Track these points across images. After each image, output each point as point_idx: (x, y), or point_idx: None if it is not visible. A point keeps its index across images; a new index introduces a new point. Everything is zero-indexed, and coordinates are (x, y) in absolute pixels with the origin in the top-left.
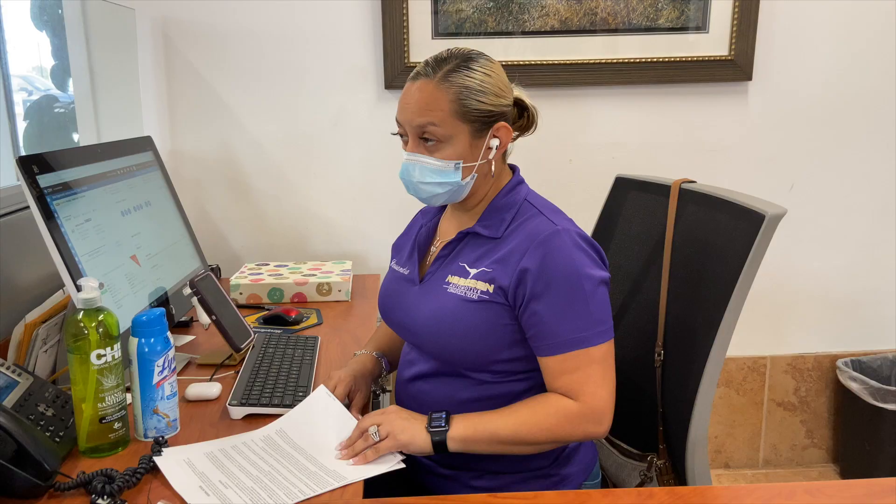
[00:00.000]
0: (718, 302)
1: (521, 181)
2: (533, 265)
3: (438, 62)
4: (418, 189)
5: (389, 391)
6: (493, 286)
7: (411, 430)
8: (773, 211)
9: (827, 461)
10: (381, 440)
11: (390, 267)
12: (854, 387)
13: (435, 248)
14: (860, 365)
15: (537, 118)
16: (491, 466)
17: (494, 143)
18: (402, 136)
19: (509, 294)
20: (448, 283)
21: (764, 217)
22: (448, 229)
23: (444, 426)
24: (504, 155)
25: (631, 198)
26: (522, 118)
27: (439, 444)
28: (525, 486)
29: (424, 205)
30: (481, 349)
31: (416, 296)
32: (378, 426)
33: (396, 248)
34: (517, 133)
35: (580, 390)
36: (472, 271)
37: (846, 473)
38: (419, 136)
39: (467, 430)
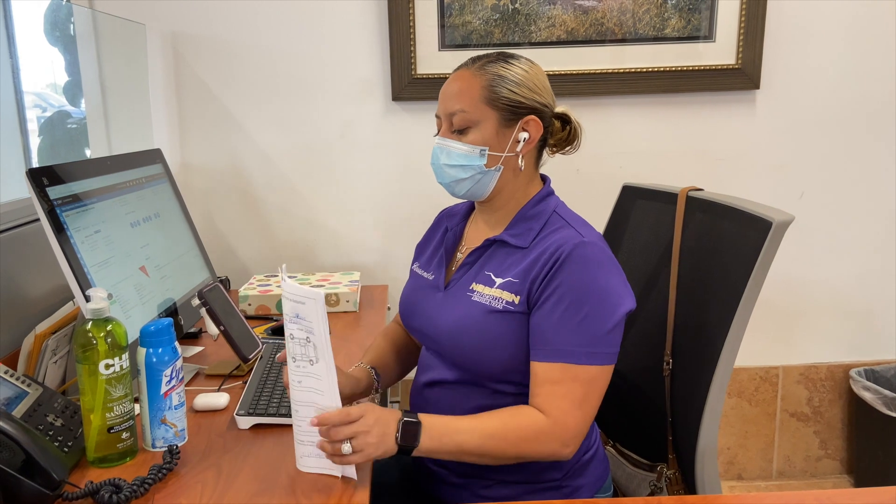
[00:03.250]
0: (726, 310)
1: (552, 192)
2: (552, 272)
3: (480, 57)
4: (444, 173)
5: (397, 401)
6: (518, 297)
7: (383, 447)
8: (780, 218)
9: (841, 472)
10: (351, 454)
11: (412, 270)
12: (867, 396)
13: (461, 255)
14: (873, 374)
15: (580, 135)
16: (503, 477)
17: (523, 136)
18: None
19: (530, 302)
20: (472, 292)
21: (771, 224)
22: (475, 235)
23: (415, 444)
24: (537, 163)
25: (638, 206)
26: (564, 131)
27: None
28: (536, 497)
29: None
30: (503, 360)
31: (440, 302)
32: (350, 441)
33: (419, 250)
34: (556, 148)
35: (554, 405)
36: (498, 281)
37: (861, 484)
38: (451, 122)
39: (433, 443)
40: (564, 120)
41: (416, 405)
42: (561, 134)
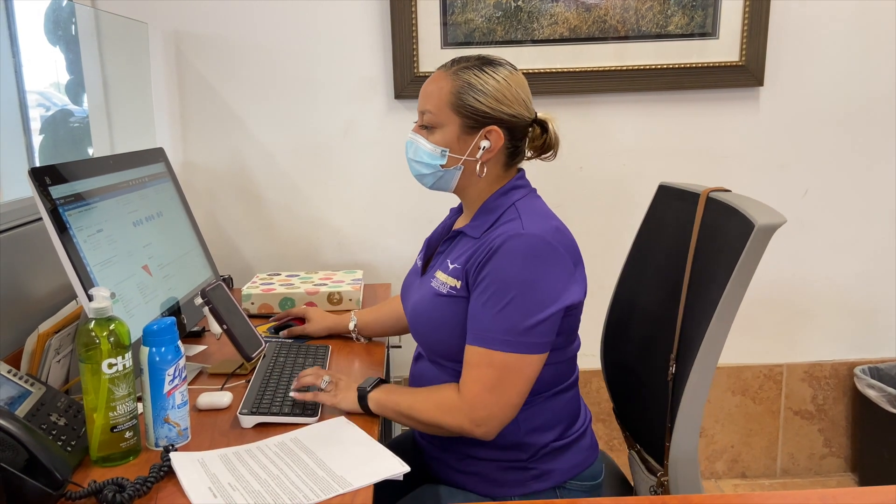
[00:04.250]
0: (706, 313)
1: (519, 186)
2: (483, 261)
3: (460, 59)
4: (411, 166)
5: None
6: (460, 282)
7: (344, 393)
8: (764, 221)
9: (845, 470)
10: (323, 390)
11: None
12: (872, 394)
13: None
14: (878, 372)
15: (556, 145)
16: (469, 451)
17: (484, 144)
18: None
19: (469, 288)
20: (434, 278)
21: (754, 226)
22: (457, 227)
23: (368, 390)
24: (508, 165)
25: (670, 207)
26: (542, 139)
27: (362, 402)
28: (503, 476)
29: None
30: (450, 340)
31: (415, 287)
32: (330, 381)
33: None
34: (533, 154)
35: (467, 386)
36: (451, 267)
37: (865, 482)
38: (422, 118)
39: (379, 397)
40: (545, 127)
41: (412, 376)
42: (539, 141)
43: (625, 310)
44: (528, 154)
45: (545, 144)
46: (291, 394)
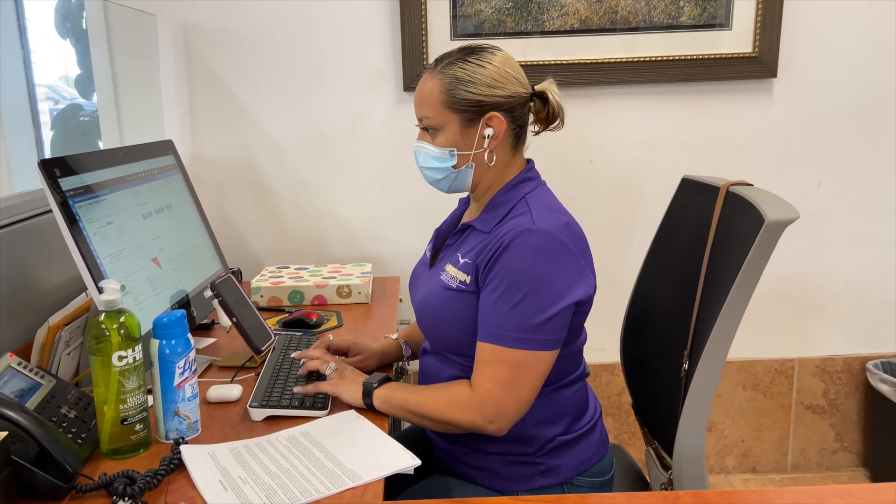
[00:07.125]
0: (716, 308)
1: (529, 179)
2: (494, 257)
3: (444, 57)
4: (423, 174)
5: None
6: (469, 277)
7: (347, 385)
8: (774, 216)
9: (857, 465)
10: (327, 379)
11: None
12: (884, 389)
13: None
14: (891, 367)
15: (561, 113)
16: (476, 445)
17: (488, 132)
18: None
19: (479, 283)
20: (443, 271)
21: (764, 221)
22: (465, 220)
23: (375, 386)
24: (514, 148)
25: (692, 201)
26: (545, 110)
27: (367, 399)
28: (509, 470)
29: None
30: (457, 334)
31: (423, 279)
32: (335, 369)
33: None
34: (540, 127)
35: (479, 382)
36: (461, 261)
37: (877, 478)
38: (422, 125)
39: (386, 394)
40: (545, 98)
41: (421, 369)
42: (542, 113)
43: (644, 304)
44: (536, 129)
45: (549, 115)
46: (296, 389)
